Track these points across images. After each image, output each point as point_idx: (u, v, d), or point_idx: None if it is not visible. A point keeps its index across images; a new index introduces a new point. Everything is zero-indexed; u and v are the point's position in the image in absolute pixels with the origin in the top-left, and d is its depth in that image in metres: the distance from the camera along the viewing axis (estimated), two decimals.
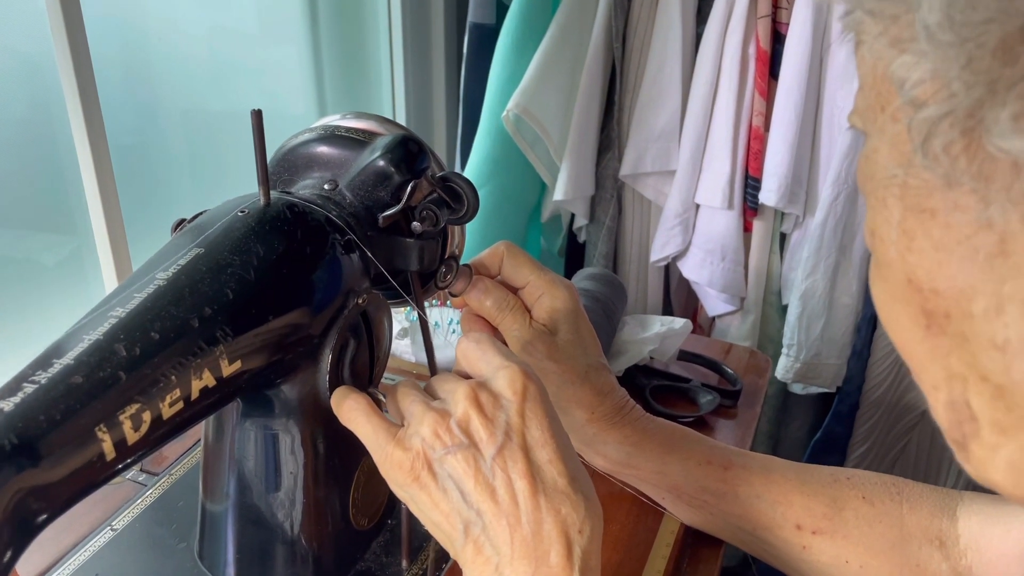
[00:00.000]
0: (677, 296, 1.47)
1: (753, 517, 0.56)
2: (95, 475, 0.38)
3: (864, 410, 1.31)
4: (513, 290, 0.58)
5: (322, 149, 0.54)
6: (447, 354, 0.81)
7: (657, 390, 0.84)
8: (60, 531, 0.60)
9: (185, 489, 0.66)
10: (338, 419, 0.48)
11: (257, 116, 0.45)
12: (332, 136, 0.54)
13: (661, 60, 1.27)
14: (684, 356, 0.90)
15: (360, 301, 0.49)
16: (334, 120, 0.56)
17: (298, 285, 0.46)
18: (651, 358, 0.86)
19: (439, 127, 1.59)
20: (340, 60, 1.36)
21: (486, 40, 1.39)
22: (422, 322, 0.57)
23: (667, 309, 1.47)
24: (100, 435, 0.37)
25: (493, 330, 0.58)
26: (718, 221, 1.30)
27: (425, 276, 0.55)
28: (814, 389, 1.35)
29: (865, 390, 1.29)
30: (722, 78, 1.24)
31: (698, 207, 1.32)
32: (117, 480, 0.52)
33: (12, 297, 0.88)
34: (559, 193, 1.32)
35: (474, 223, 0.55)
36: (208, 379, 0.42)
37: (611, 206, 1.38)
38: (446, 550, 0.44)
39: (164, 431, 0.41)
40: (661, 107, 1.29)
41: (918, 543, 0.52)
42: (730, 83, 1.23)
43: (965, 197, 0.23)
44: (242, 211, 0.47)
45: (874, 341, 1.26)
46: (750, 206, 1.28)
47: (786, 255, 1.33)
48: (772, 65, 1.23)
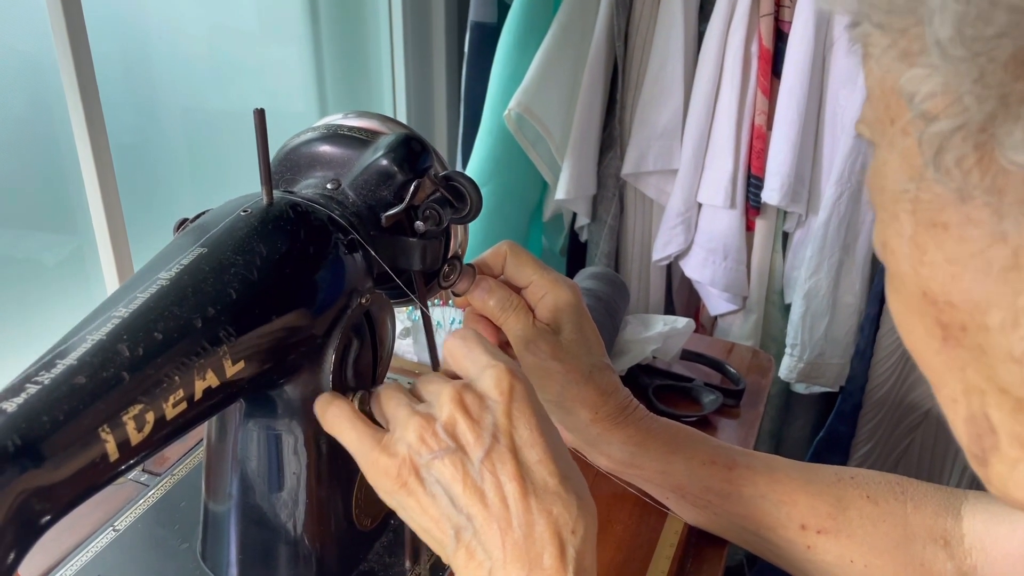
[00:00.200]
0: (679, 295, 1.47)
1: (757, 517, 0.56)
2: (98, 476, 0.37)
3: (867, 409, 1.31)
4: (516, 290, 0.58)
5: (324, 148, 0.54)
6: None
7: (660, 389, 0.84)
8: (62, 532, 0.60)
9: (187, 489, 0.66)
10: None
11: (260, 115, 0.45)
12: (334, 135, 0.54)
13: (663, 58, 1.27)
14: (687, 355, 0.90)
15: (363, 301, 0.49)
16: (336, 119, 0.55)
17: (301, 285, 0.46)
18: (654, 357, 0.86)
19: (440, 126, 1.59)
20: (341, 59, 1.36)
21: (487, 39, 1.39)
22: (425, 321, 0.56)
23: (669, 308, 1.47)
24: (103, 436, 0.37)
25: (496, 329, 0.57)
26: (720, 220, 1.29)
27: (428, 276, 0.54)
28: (817, 389, 1.34)
29: (868, 389, 1.29)
30: (724, 76, 1.24)
31: (700, 206, 1.32)
32: (119, 481, 0.52)
33: (12, 297, 0.88)
34: (561, 192, 1.32)
35: (475, 222, 0.55)
36: (211, 379, 0.42)
37: (613, 205, 1.37)
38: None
39: (167, 432, 0.41)
40: (663, 106, 1.29)
41: (923, 542, 0.52)
42: (732, 81, 1.23)
43: (978, 211, 0.23)
44: (245, 211, 0.46)
45: (877, 340, 1.26)
46: (752, 205, 1.28)
47: (788, 254, 1.33)
48: (775, 63, 1.23)
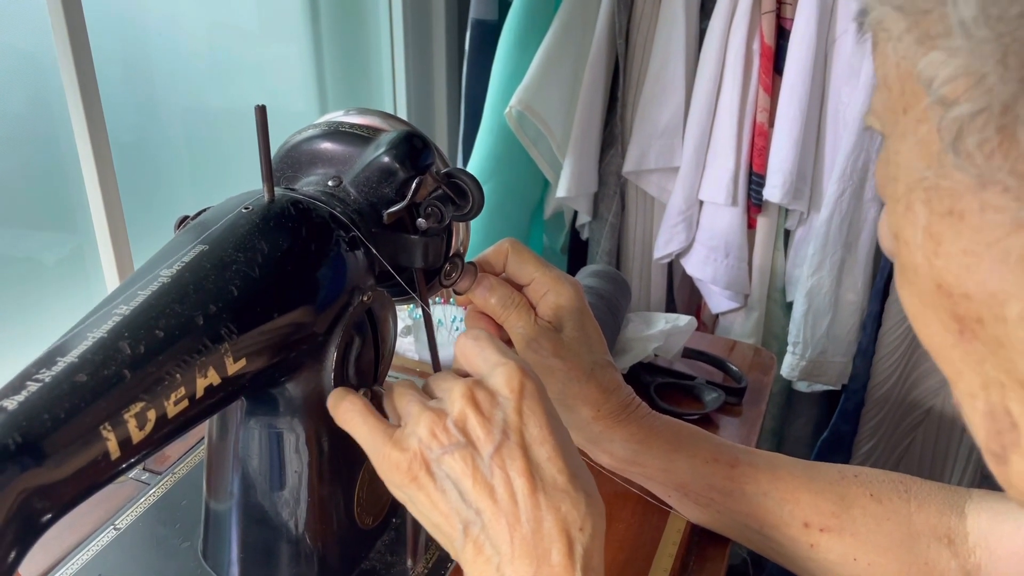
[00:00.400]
0: (680, 293, 1.47)
1: (760, 515, 0.56)
2: (100, 474, 0.37)
3: (869, 407, 1.30)
4: (518, 287, 0.57)
5: (326, 145, 0.54)
6: (450, 352, 0.81)
7: (662, 387, 0.83)
8: (63, 530, 0.60)
9: (188, 488, 0.65)
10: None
11: (261, 112, 0.45)
12: (336, 132, 0.54)
13: (664, 56, 1.27)
14: (689, 353, 0.89)
15: (365, 298, 0.49)
16: (337, 116, 0.55)
17: (303, 282, 0.46)
18: (655, 355, 0.86)
19: (441, 124, 1.58)
20: (341, 56, 1.36)
21: (488, 36, 1.38)
22: (426, 319, 0.56)
23: (670, 306, 1.47)
24: (105, 434, 0.37)
25: (498, 328, 0.57)
26: (722, 218, 1.29)
27: (429, 273, 0.54)
28: (819, 387, 1.34)
29: (870, 387, 1.29)
30: (726, 74, 1.24)
31: (702, 204, 1.32)
32: (120, 479, 0.52)
33: (12, 296, 0.88)
34: (562, 190, 1.32)
35: (476, 220, 0.55)
36: (213, 377, 0.42)
37: (614, 203, 1.37)
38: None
39: (169, 429, 0.40)
40: (664, 103, 1.29)
41: (926, 541, 0.52)
42: (734, 79, 1.22)
43: (997, 197, 0.23)
44: (246, 208, 0.46)
45: (879, 338, 1.25)
46: (754, 203, 1.28)
47: (790, 252, 1.32)
48: (776, 61, 1.22)
